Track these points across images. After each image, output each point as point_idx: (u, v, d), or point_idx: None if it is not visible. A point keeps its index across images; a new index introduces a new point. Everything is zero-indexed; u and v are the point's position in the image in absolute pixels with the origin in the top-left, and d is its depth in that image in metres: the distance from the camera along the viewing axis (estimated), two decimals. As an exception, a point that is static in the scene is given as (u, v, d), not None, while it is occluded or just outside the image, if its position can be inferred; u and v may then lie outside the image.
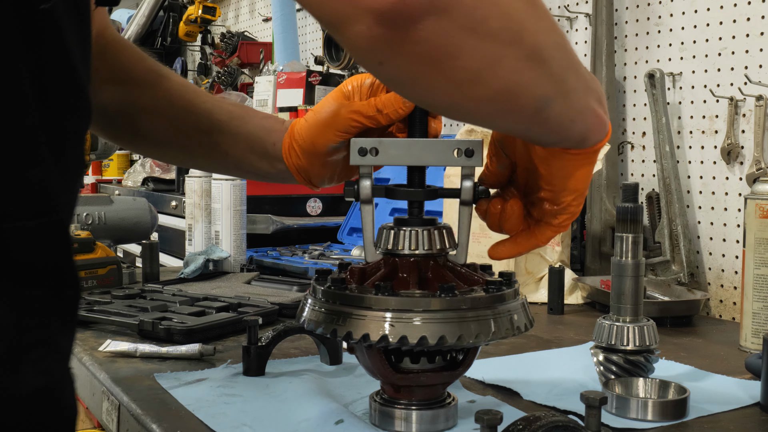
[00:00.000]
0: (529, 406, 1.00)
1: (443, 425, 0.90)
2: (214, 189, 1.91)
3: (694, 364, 1.20)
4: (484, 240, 1.73)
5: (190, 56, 4.94)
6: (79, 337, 1.32)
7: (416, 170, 0.91)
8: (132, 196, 2.02)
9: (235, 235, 1.91)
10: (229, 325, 1.36)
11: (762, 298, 1.28)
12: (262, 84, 3.38)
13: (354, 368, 1.13)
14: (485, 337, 0.83)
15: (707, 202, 1.75)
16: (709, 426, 0.95)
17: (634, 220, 1.06)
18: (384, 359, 0.87)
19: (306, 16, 3.50)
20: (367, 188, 0.87)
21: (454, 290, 0.83)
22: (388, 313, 0.82)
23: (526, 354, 1.27)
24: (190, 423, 0.93)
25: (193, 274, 1.80)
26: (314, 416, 0.94)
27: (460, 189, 0.87)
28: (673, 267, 1.73)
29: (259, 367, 1.12)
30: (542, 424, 0.74)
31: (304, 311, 0.89)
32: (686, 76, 1.80)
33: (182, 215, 2.14)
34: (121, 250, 3.14)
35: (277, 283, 1.73)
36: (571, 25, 2.12)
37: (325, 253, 2.07)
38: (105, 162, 4.10)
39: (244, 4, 4.24)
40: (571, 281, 1.69)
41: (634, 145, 1.93)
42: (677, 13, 1.82)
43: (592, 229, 1.90)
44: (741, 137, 1.68)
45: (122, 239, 1.92)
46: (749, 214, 1.29)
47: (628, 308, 1.07)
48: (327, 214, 2.45)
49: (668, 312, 1.51)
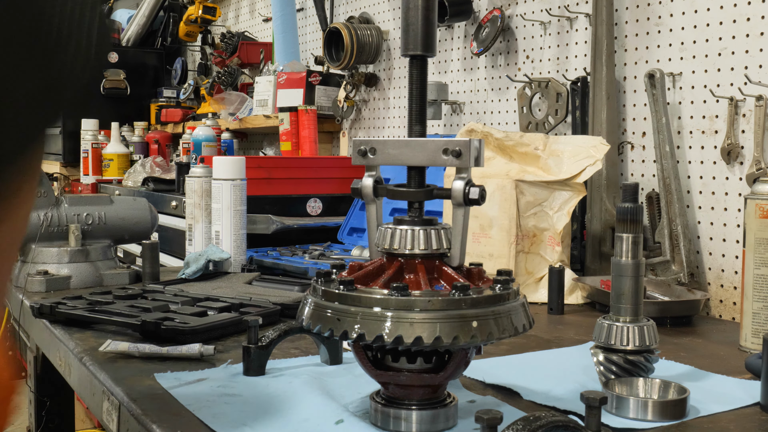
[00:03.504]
0: (529, 406, 1.01)
1: (443, 425, 0.91)
2: (214, 189, 1.91)
3: (694, 364, 1.20)
4: (484, 240, 1.73)
5: (191, 56, 4.94)
6: (79, 337, 1.32)
7: (415, 170, 0.91)
8: (132, 196, 2.02)
9: (236, 235, 1.91)
10: (231, 326, 1.36)
11: (762, 298, 1.28)
12: (262, 84, 3.39)
13: (354, 368, 1.13)
14: (483, 337, 0.83)
15: (707, 202, 1.75)
16: (709, 426, 0.95)
17: (634, 220, 1.06)
18: (364, 355, 0.88)
19: (306, 17, 3.50)
20: (369, 188, 0.87)
21: (454, 290, 0.84)
22: (384, 312, 0.82)
23: (526, 354, 1.27)
24: (190, 423, 0.93)
25: (194, 275, 1.80)
26: (314, 416, 0.94)
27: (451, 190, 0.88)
28: (673, 267, 1.73)
29: (259, 367, 1.12)
30: (542, 424, 0.74)
31: (304, 311, 0.89)
32: (686, 76, 1.80)
33: (182, 215, 2.14)
34: (121, 250, 3.14)
35: (278, 283, 1.73)
36: (571, 25, 2.12)
37: (325, 253, 2.07)
38: (105, 162, 4.10)
39: (244, 4, 4.24)
40: (571, 281, 1.69)
41: (634, 145, 1.93)
42: (677, 13, 1.82)
43: (592, 229, 1.90)
44: (741, 137, 1.68)
45: (122, 239, 1.92)
46: (749, 214, 1.29)
47: (628, 308, 1.07)
48: (327, 214, 2.45)
49: (668, 312, 1.51)
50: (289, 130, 3.05)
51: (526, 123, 2.19)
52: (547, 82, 2.12)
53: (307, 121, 3.01)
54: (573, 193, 1.73)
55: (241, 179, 1.92)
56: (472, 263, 0.93)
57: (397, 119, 2.88)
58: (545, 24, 2.19)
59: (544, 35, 2.20)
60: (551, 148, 1.77)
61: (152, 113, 4.73)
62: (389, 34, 2.90)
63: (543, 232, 1.73)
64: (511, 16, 2.31)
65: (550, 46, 2.18)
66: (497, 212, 1.71)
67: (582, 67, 2.07)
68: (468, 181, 0.88)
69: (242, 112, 3.60)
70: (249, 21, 4.20)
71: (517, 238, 1.71)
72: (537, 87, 2.15)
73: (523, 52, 2.27)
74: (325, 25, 3.18)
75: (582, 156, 1.72)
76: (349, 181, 0.96)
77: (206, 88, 4.09)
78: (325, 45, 2.93)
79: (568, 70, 2.12)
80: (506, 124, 2.34)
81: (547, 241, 1.73)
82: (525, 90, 2.20)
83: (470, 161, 0.86)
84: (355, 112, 3.09)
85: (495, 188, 1.71)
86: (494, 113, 2.39)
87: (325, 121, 3.14)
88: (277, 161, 2.63)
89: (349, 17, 3.02)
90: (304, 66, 3.31)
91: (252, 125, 3.47)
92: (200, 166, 1.99)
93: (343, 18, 3.11)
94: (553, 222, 1.73)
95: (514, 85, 2.27)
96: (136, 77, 4.81)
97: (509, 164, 1.81)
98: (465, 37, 2.51)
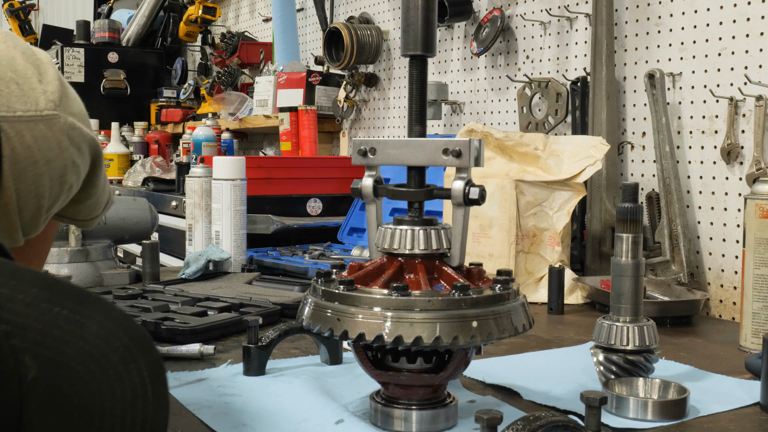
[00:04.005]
0: (529, 406, 1.01)
1: (443, 425, 0.91)
2: (214, 189, 1.91)
3: (694, 364, 1.21)
4: (484, 240, 1.73)
5: (191, 56, 4.94)
6: (80, 337, 1.32)
7: (415, 170, 0.91)
8: (132, 196, 2.02)
9: (236, 235, 1.91)
10: (232, 325, 1.36)
11: (762, 298, 1.28)
12: (262, 84, 3.39)
13: (354, 368, 1.13)
14: (483, 337, 0.83)
15: (707, 202, 1.75)
16: (709, 426, 0.95)
17: (634, 220, 1.06)
18: (364, 355, 0.88)
19: (306, 17, 3.50)
20: (369, 188, 0.87)
21: (454, 290, 0.84)
22: (384, 312, 0.82)
23: (526, 354, 1.27)
24: (190, 423, 0.93)
25: (194, 275, 1.80)
26: (314, 416, 0.94)
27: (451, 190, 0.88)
28: (673, 267, 1.73)
29: (259, 367, 1.12)
30: (542, 424, 0.74)
31: (304, 311, 0.89)
32: (686, 76, 1.80)
33: (182, 215, 2.14)
34: (122, 250, 3.14)
35: (278, 283, 1.73)
36: (571, 25, 2.12)
37: (325, 253, 2.07)
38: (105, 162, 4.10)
39: (244, 4, 4.24)
40: (571, 281, 1.69)
41: (634, 145, 1.93)
42: (677, 13, 1.82)
43: (592, 229, 1.90)
44: (741, 137, 1.68)
45: (122, 239, 1.92)
46: (749, 214, 1.29)
47: (627, 308, 1.07)
48: (327, 214, 2.45)
49: (668, 312, 1.51)
50: (289, 130, 3.05)
51: (526, 123, 2.19)
52: (547, 82, 2.12)
53: (307, 121, 3.01)
54: (573, 193, 1.73)
55: (241, 179, 1.92)
56: (472, 263, 0.93)
57: (397, 119, 2.88)
58: (545, 24, 2.19)
59: (544, 35, 2.20)
60: (551, 148, 1.77)
61: (152, 113, 4.73)
62: (389, 34, 2.90)
63: (543, 232, 1.73)
64: (511, 16, 2.31)
65: (550, 46, 2.18)
66: (497, 212, 1.71)
67: (582, 67, 2.07)
68: (468, 181, 0.88)
69: (242, 112, 3.60)
70: (249, 21, 4.19)
71: (517, 238, 1.71)
72: (537, 87, 2.15)
73: (523, 52, 2.27)
74: (325, 25, 3.18)
75: (582, 156, 1.72)
76: (349, 181, 0.96)
77: (206, 88, 4.09)
78: (325, 45, 2.93)
79: (568, 70, 2.12)
80: (506, 124, 2.34)
81: (547, 241, 1.73)
82: (525, 90, 2.20)
83: (470, 161, 0.86)
84: (355, 112, 3.09)
85: (495, 188, 1.71)
86: (494, 113, 2.39)
87: (325, 121, 3.14)
88: (277, 161, 2.63)
89: (349, 17, 3.02)
90: (304, 66, 3.31)
91: (252, 125, 3.47)
92: (200, 166, 1.99)
93: (343, 18, 3.11)
94: (553, 222, 1.73)
95: (514, 85, 2.27)
96: (136, 77, 4.81)
97: (509, 164, 1.81)
98: (465, 37, 2.51)
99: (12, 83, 0.80)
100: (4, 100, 0.78)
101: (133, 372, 0.50)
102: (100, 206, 0.99)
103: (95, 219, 1.01)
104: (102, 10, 5.48)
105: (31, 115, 0.80)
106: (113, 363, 0.50)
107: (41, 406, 0.45)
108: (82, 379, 0.47)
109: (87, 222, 1.00)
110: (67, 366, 0.47)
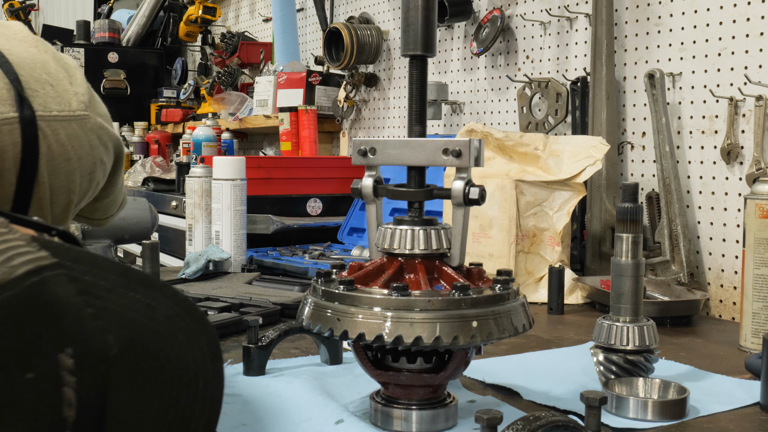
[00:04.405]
0: (529, 406, 1.01)
1: (443, 425, 0.90)
2: (214, 189, 1.91)
3: (693, 364, 1.21)
4: (484, 240, 1.74)
5: (191, 56, 4.94)
6: (80, 337, 1.32)
7: (415, 170, 0.91)
8: (132, 196, 2.02)
9: (236, 235, 1.91)
10: (232, 325, 1.36)
11: (762, 298, 1.28)
12: (262, 84, 3.39)
13: (354, 368, 1.13)
14: (483, 337, 0.83)
15: (707, 202, 1.75)
16: (709, 426, 0.95)
17: (634, 220, 1.06)
18: (364, 355, 0.88)
19: (306, 17, 3.50)
20: (369, 188, 0.87)
21: (454, 290, 0.84)
22: (384, 312, 0.82)
23: (526, 354, 1.27)
24: (191, 423, 0.93)
25: (194, 275, 1.80)
26: (314, 416, 0.94)
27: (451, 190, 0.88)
28: (673, 267, 1.73)
29: (259, 367, 1.12)
30: (542, 424, 0.74)
31: (304, 311, 0.89)
32: (686, 76, 1.80)
33: (182, 215, 2.14)
34: (122, 250, 3.14)
35: (278, 283, 1.73)
36: (571, 25, 2.12)
37: (325, 253, 2.07)
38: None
39: (244, 4, 4.24)
40: (571, 281, 1.69)
41: (634, 145, 1.93)
42: (677, 13, 1.82)
43: (592, 229, 1.90)
44: (741, 137, 1.68)
45: (122, 239, 1.92)
46: (749, 214, 1.29)
47: (627, 308, 1.07)
48: (327, 214, 2.45)
49: (668, 312, 1.51)
50: (289, 130, 3.05)
51: (526, 123, 2.19)
52: (547, 82, 2.12)
53: (307, 121, 3.01)
54: (573, 193, 1.73)
55: (241, 179, 1.92)
56: (472, 263, 0.93)
57: (397, 119, 2.88)
58: (545, 24, 2.19)
59: (544, 35, 2.20)
60: (551, 148, 1.77)
61: (152, 113, 4.73)
62: (389, 34, 2.90)
63: (543, 232, 1.73)
64: (511, 16, 2.31)
65: (549, 46, 2.18)
66: (497, 212, 1.71)
67: (582, 67, 2.07)
68: (468, 181, 0.88)
69: (242, 112, 3.60)
70: (249, 21, 4.20)
71: (517, 238, 1.71)
72: (537, 87, 2.15)
73: (523, 52, 2.27)
74: (325, 25, 3.18)
75: (582, 156, 1.72)
76: (349, 181, 0.96)
77: (206, 88, 4.09)
78: (325, 45, 2.93)
79: (567, 70, 2.12)
80: (506, 124, 2.34)
81: (547, 241, 1.73)
82: (525, 90, 2.20)
83: (470, 161, 0.86)
84: (355, 112, 3.09)
85: (495, 188, 1.71)
86: (494, 113, 2.39)
87: (325, 121, 3.14)
88: (277, 161, 2.63)
89: (349, 17, 3.02)
90: (304, 66, 3.31)
91: (252, 125, 3.47)
92: (200, 166, 1.99)
93: (343, 18, 3.11)
94: (553, 222, 1.73)
95: (514, 85, 2.27)
96: (136, 77, 4.81)
97: (509, 164, 1.81)
98: (465, 37, 2.51)
99: (47, 85, 0.85)
100: (41, 100, 0.83)
101: (195, 348, 0.58)
102: (115, 206, 1.02)
103: (109, 218, 1.05)
104: (102, 10, 5.48)
105: (65, 115, 0.85)
106: (179, 341, 0.56)
107: (122, 378, 0.52)
108: (154, 354, 0.54)
109: (101, 221, 1.03)
110: (142, 342, 0.54)
